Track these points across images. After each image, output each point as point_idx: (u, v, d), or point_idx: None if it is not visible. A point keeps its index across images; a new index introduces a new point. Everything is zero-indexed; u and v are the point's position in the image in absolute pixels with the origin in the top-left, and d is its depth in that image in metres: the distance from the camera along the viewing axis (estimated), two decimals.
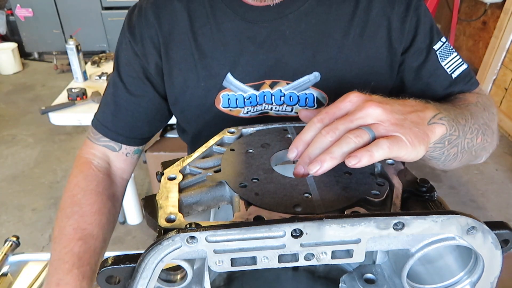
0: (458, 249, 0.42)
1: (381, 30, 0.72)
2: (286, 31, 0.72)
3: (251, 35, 0.72)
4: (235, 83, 0.74)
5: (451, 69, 0.75)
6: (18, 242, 0.93)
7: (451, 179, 2.86)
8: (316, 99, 0.75)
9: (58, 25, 4.50)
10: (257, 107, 0.76)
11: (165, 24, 0.75)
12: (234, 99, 0.75)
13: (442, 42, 0.75)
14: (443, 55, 0.75)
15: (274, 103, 0.76)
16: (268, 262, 0.37)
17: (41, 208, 2.63)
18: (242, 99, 0.75)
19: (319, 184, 0.44)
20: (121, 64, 0.80)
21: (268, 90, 0.75)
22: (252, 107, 0.76)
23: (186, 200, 0.45)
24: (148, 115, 0.82)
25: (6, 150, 3.19)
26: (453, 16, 3.76)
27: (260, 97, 0.75)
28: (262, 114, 0.77)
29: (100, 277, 0.37)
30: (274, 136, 0.55)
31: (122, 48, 0.80)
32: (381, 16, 0.72)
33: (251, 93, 0.74)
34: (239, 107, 0.76)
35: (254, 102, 0.75)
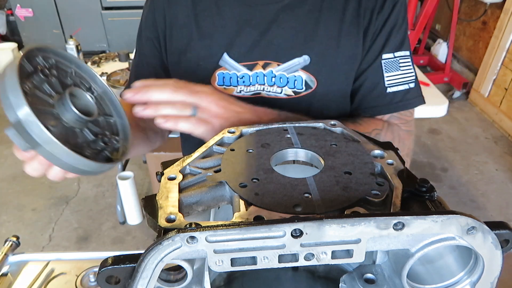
0: (458, 249, 0.42)
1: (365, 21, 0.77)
2: (280, 15, 0.77)
3: (247, 17, 0.78)
4: (230, 62, 0.79)
5: (390, 83, 0.79)
6: (18, 242, 0.93)
7: (451, 179, 2.86)
8: (305, 82, 0.79)
9: (58, 25, 4.50)
10: (250, 87, 0.81)
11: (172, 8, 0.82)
12: (228, 78, 0.80)
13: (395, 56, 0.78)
14: (390, 68, 0.79)
15: (266, 84, 0.80)
16: (268, 262, 0.37)
17: (41, 208, 2.63)
18: (235, 78, 0.80)
19: (319, 184, 0.44)
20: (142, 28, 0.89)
21: (260, 71, 0.79)
22: (245, 86, 0.81)
23: (186, 200, 0.45)
24: None
25: (6, 150, 3.19)
26: (453, 16, 3.76)
27: (253, 77, 0.80)
28: (254, 94, 0.81)
29: (100, 277, 0.37)
30: (274, 136, 0.55)
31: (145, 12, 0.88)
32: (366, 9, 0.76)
33: (244, 73, 0.79)
34: (233, 86, 0.81)
35: (247, 82, 0.80)
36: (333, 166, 0.48)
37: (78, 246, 2.35)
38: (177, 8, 0.83)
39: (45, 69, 0.58)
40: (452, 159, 3.08)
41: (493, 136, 3.33)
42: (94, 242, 2.38)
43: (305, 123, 0.58)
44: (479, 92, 3.71)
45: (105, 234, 2.44)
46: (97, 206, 2.64)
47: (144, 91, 0.59)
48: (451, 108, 3.70)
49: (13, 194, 2.76)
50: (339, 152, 0.51)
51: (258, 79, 0.80)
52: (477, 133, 3.40)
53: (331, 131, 0.57)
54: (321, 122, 0.59)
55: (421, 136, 3.37)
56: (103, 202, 2.68)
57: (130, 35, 0.99)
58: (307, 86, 0.79)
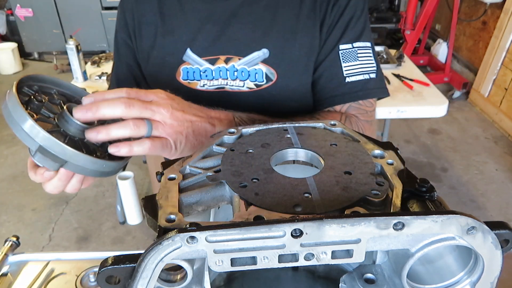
0: (458, 249, 0.42)
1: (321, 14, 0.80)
2: (239, 11, 0.80)
3: (208, 14, 0.81)
4: (193, 57, 0.83)
5: (349, 73, 0.81)
6: (18, 242, 0.93)
7: (451, 179, 2.86)
8: (265, 74, 0.82)
9: (58, 25, 4.50)
10: (214, 81, 0.84)
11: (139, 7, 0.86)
12: (192, 72, 0.83)
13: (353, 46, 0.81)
14: (348, 58, 0.81)
15: (229, 78, 0.83)
16: (268, 262, 0.37)
17: (41, 208, 2.63)
18: (198, 72, 0.83)
19: (319, 184, 0.44)
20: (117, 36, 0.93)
21: (223, 66, 0.82)
22: (208, 81, 0.84)
23: (186, 200, 0.45)
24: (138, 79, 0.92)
25: (6, 150, 3.19)
26: (453, 16, 3.76)
27: (216, 71, 0.83)
28: (218, 89, 0.84)
29: (100, 277, 0.37)
30: (274, 136, 0.55)
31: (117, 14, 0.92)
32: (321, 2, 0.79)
33: (207, 67, 0.83)
34: (196, 80, 0.84)
35: (210, 76, 0.83)
36: (333, 166, 0.48)
37: (78, 246, 2.35)
38: (144, 6, 0.86)
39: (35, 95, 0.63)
40: (452, 159, 3.08)
41: (493, 136, 3.33)
42: (94, 242, 2.38)
43: (305, 123, 0.58)
44: (479, 92, 3.71)
45: (105, 234, 2.44)
46: (97, 206, 2.64)
47: (95, 109, 0.56)
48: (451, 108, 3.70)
49: (13, 194, 2.76)
50: (339, 152, 0.51)
51: (221, 74, 0.83)
52: (477, 133, 3.40)
53: (331, 131, 0.57)
54: (321, 122, 0.59)
55: (421, 136, 3.37)
56: (103, 202, 2.68)
57: None
58: (268, 79, 0.82)
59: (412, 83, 2.15)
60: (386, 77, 2.23)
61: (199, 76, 0.84)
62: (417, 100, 2.01)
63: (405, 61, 2.46)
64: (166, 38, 0.85)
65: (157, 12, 0.85)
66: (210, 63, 0.83)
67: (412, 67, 2.40)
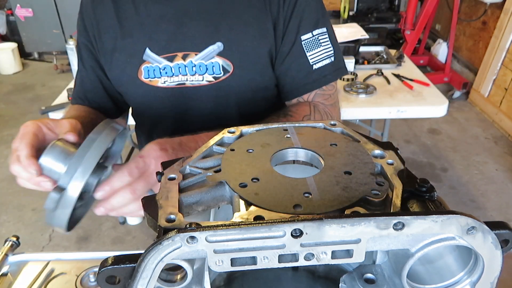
0: (458, 249, 0.42)
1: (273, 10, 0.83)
2: (190, 9, 0.84)
3: (161, 13, 0.84)
4: (152, 56, 0.86)
5: (315, 60, 0.87)
6: (18, 242, 0.93)
7: (451, 179, 2.86)
8: (222, 67, 0.85)
9: (58, 25, 4.50)
10: (174, 78, 0.87)
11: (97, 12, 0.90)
12: (152, 70, 0.87)
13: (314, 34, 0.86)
14: (311, 46, 0.86)
15: (188, 74, 0.86)
16: (268, 262, 0.37)
17: (41, 208, 2.63)
18: (158, 70, 0.87)
19: (319, 184, 0.44)
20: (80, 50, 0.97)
21: (181, 62, 0.86)
22: (169, 77, 0.87)
23: (186, 200, 0.45)
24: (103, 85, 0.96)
25: (6, 150, 3.19)
26: (453, 16, 3.76)
27: (175, 68, 0.86)
28: (179, 85, 0.88)
29: (100, 277, 0.37)
30: (274, 136, 0.55)
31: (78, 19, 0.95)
32: None
33: (166, 64, 0.86)
34: (157, 77, 0.87)
35: (169, 73, 0.87)
36: (333, 166, 0.48)
37: (78, 246, 2.35)
38: (101, 12, 0.89)
39: None
40: (452, 159, 3.08)
41: (493, 136, 3.33)
42: (94, 242, 2.38)
43: (305, 123, 0.58)
44: (479, 92, 3.71)
45: (105, 234, 2.44)
46: None
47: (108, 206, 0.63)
48: (451, 108, 3.70)
49: (13, 194, 2.76)
50: (339, 152, 0.51)
51: (180, 70, 0.87)
52: (477, 133, 3.40)
53: (331, 131, 0.57)
54: (321, 122, 0.59)
55: (421, 136, 3.38)
56: None
57: None
58: (225, 71, 0.86)
59: (412, 83, 2.15)
60: (386, 77, 2.23)
61: (159, 74, 0.87)
62: (417, 100, 2.01)
63: (405, 61, 2.46)
64: (125, 40, 0.88)
65: (114, 17, 0.88)
66: (169, 61, 0.86)
67: (412, 67, 2.40)
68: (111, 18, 0.89)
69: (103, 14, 0.89)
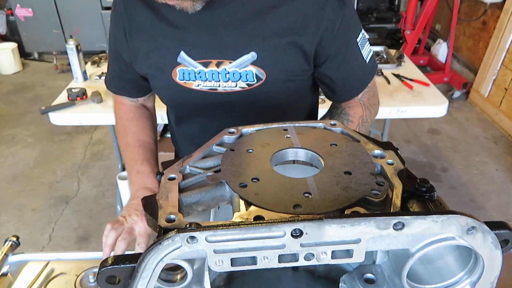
0: (458, 249, 0.42)
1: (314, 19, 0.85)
2: (226, 18, 0.86)
3: (197, 21, 0.87)
4: (188, 60, 0.90)
5: (366, 54, 0.95)
6: (18, 242, 0.93)
7: (451, 179, 2.86)
8: (255, 75, 0.89)
9: (58, 25, 4.50)
10: (207, 83, 0.91)
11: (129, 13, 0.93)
12: (187, 73, 0.91)
13: (362, 33, 0.93)
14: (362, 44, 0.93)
15: (221, 81, 0.91)
16: (268, 262, 0.37)
17: (41, 208, 2.63)
18: (193, 73, 0.91)
19: (319, 184, 0.44)
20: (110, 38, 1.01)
21: (215, 69, 0.89)
22: (202, 81, 0.91)
23: (186, 200, 0.45)
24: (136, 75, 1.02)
25: (6, 150, 3.19)
26: (453, 16, 3.76)
27: (209, 74, 0.90)
28: (211, 90, 0.92)
29: (100, 277, 0.37)
30: (274, 136, 0.55)
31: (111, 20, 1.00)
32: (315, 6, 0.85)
33: (200, 69, 0.90)
34: (191, 80, 0.92)
35: (203, 77, 0.91)
36: (333, 166, 0.48)
37: (78, 246, 2.35)
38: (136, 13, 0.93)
39: None
40: (452, 159, 3.08)
41: (493, 136, 3.33)
42: (94, 242, 2.38)
43: (305, 123, 0.58)
44: (479, 92, 3.71)
45: None
46: (97, 206, 2.64)
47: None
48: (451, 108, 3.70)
49: (13, 194, 2.76)
50: (339, 152, 0.51)
51: (214, 76, 0.90)
52: (477, 133, 3.40)
53: (331, 131, 0.57)
54: (321, 122, 0.59)
55: (421, 136, 3.37)
56: (103, 202, 2.68)
57: None
58: (258, 78, 0.89)
59: (412, 83, 2.15)
60: (386, 77, 2.23)
61: (194, 77, 0.91)
62: (417, 100, 2.00)
63: (405, 61, 2.46)
64: (159, 41, 0.91)
65: (147, 18, 0.91)
66: (204, 66, 0.90)
67: (412, 67, 2.40)
68: (144, 19, 0.91)
69: (136, 15, 0.92)
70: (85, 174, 2.94)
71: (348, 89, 0.98)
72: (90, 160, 3.09)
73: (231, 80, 0.90)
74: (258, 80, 0.89)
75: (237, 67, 0.88)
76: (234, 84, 0.90)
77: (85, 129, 3.44)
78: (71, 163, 3.05)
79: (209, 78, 0.91)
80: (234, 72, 0.89)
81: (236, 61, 0.88)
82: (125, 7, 0.94)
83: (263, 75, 0.89)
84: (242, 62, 0.88)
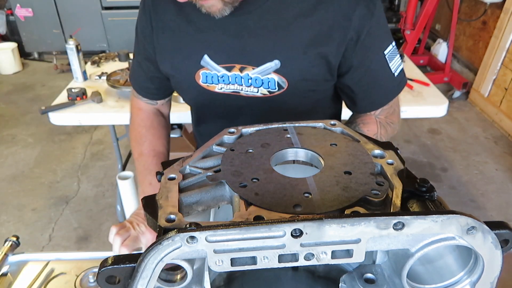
0: (458, 249, 0.42)
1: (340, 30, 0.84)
2: (251, 25, 0.86)
3: (223, 25, 0.87)
4: (211, 64, 0.90)
5: (394, 68, 0.93)
6: (18, 242, 0.93)
7: (451, 179, 2.86)
8: (277, 83, 0.89)
9: (58, 25, 4.50)
10: (230, 86, 0.92)
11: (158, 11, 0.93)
12: (210, 77, 0.92)
13: (393, 45, 0.91)
14: (392, 56, 0.92)
15: (243, 85, 0.91)
16: (268, 262, 0.37)
17: (41, 208, 2.63)
18: (216, 77, 0.91)
19: (319, 184, 0.44)
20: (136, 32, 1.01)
21: (238, 74, 0.90)
22: (225, 85, 0.92)
23: (186, 200, 0.45)
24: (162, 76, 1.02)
25: (6, 150, 3.19)
26: (453, 16, 3.76)
27: (232, 77, 0.91)
28: (234, 92, 0.92)
29: (100, 277, 0.37)
30: (274, 136, 0.55)
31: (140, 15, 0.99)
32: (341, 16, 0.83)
33: (224, 73, 0.90)
34: (214, 83, 0.92)
35: (226, 81, 0.91)
36: (333, 166, 0.48)
37: (78, 246, 2.35)
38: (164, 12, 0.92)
39: None
40: (452, 159, 3.08)
41: (493, 136, 3.33)
42: (94, 242, 2.38)
43: (305, 123, 0.58)
44: (479, 92, 3.71)
45: (105, 234, 2.43)
46: (97, 206, 2.64)
47: None
48: (451, 108, 3.70)
49: (13, 194, 2.76)
50: (339, 152, 0.51)
51: (237, 80, 0.90)
52: (477, 133, 3.40)
53: (331, 131, 0.57)
54: (321, 122, 0.59)
55: (421, 136, 3.37)
56: (103, 202, 2.68)
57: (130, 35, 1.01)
58: (279, 87, 0.89)
59: (412, 83, 2.15)
60: None
61: (217, 81, 0.92)
62: (417, 100, 2.00)
63: (405, 61, 2.45)
64: (185, 43, 0.91)
65: (175, 18, 0.91)
66: (227, 70, 0.90)
67: (412, 67, 2.40)
68: (171, 19, 0.91)
69: (164, 14, 0.92)
70: (85, 174, 2.94)
71: (370, 101, 0.96)
72: (90, 160, 3.09)
73: (253, 86, 0.90)
74: (279, 88, 0.89)
75: (260, 74, 0.88)
76: (256, 90, 0.90)
77: (85, 129, 3.44)
78: (71, 163, 3.05)
79: (232, 81, 0.91)
80: (257, 79, 0.89)
81: (259, 68, 0.88)
82: (153, 4, 0.93)
83: (285, 83, 0.88)
84: (265, 69, 0.88)
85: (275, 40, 0.86)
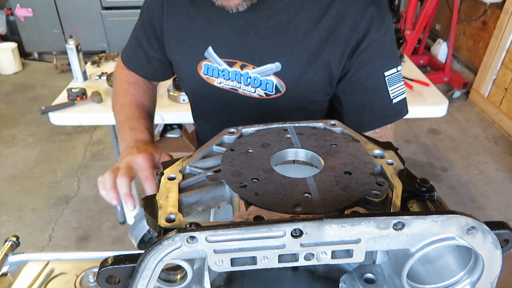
0: (458, 249, 0.42)
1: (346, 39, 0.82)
2: (258, 23, 0.85)
3: (229, 20, 0.87)
4: (214, 56, 0.90)
5: (394, 94, 0.88)
6: (18, 242, 0.93)
7: (451, 179, 2.86)
8: (275, 86, 0.87)
9: (58, 25, 4.50)
10: (229, 82, 0.91)
11: None
12: (211, 69, 0.91)
13: (398, 70, 0.88)
14: (393, 81, 0.87)
15: (242, 83, 0.90)
16: (268, 262, 0.37)
17: (41, 208, 2.63)
18: (217, 70, 0.91)
19: (319, 184, 0.44)
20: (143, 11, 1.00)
21: (238, 70, 0.89)
22: (225, 80, 0.91)
23: (186, 200, 0.45)
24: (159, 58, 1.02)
25: (6, 150, 3.19)
26: (453, 16, 3.76)
27: (232, 74, 0.90)
28: (232, 89, 0.92)
29: (100, 277, 0.37)
30: (274, 136, 0.55)
31: None
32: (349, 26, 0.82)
33: (225, 67, 0.90)
34: (214, 77, 0.92)
35: (226, 76, 0.91)
36: (333, 166, 0.48)
37: (78, 246, 2.35)
38: None
39: None
40: (452, 159, 3.08)
41: (493, 136, 3.33)
42: (94, 242, 2.38)
43: (305, 123, 0.58)
44: (479, 92, 3.71)
45: (105, 234, 2.44)
46: (97, 206, 2.64)
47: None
48: (451, 108, 3.70)
49: (13, 194, 2.76)
50: (339, 152, 0.51)
51: (236, 77, 0.90)
52: (477, 133, 3.40)
53: (331, 131, 0.57)
54: (321, 122, 0.59)
55: (421, 136, 3.37)
56: (103, 202, 2.65)
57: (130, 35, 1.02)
58: (277, 90, 0.88)
59: (412, 83, 2.15)
60: None
61: (217, 74, 0.91)
62: (417, 100, 2.00)
63: (405, 61, 2.46)
64: (191, 31, 0.91)
65: (187, 6, 0.91)
66: (228, 65, 0.90)
67: (412, 67, 2.40)
68: (184, 7, 0.92)
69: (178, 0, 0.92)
70: (85, 174, 2.93)
71: (357, 120, 0.90)
72: (90, 160, 3.09)
73: (251, 85, 0.89)
74: (277, 91, 0.88)
75: (259, 74, 0.87)
76: (253, 90, 0.90)
77: (85, 129, 3.44)
78: (71, 163, 3.05)
79: (232, 78, 0.90)
80: (255, 78, 0.88)
81: (260, 68, 0.87)
82: None
83: (283, 87, 0.87)
84: (265, 70, 0.87)
85: (279, 42, 0.85)
